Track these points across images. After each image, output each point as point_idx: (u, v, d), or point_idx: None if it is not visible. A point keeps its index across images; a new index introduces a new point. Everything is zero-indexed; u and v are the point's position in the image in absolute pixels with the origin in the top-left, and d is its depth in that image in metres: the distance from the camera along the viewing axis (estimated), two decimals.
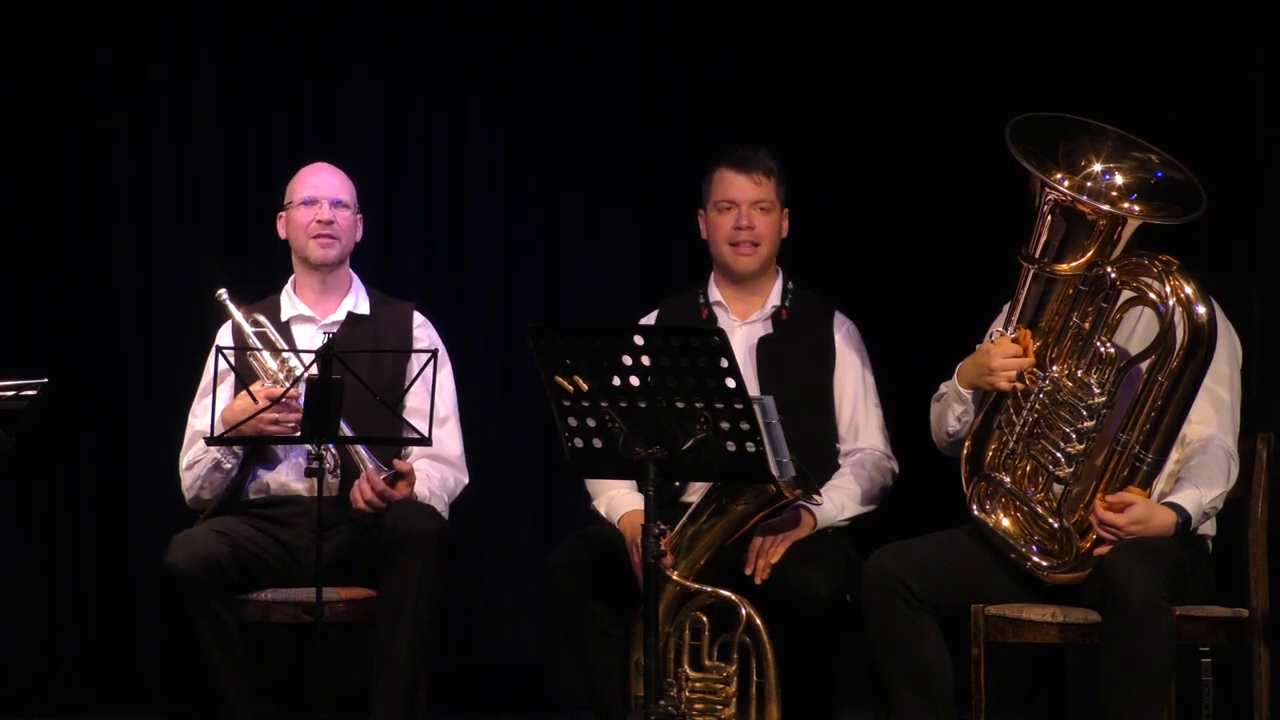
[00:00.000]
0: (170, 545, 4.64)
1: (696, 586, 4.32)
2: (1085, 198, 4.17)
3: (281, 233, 5.03)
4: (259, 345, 4.79)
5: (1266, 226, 5.33)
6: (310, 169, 5.04)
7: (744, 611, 4.28)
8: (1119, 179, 4.22)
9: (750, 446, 4.05)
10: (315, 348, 4.48)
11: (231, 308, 4.87)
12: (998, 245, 4.93)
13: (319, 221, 4.93)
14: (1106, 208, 4.16)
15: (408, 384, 4.77)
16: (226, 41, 6.09)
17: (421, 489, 4.77)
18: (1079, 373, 4.21)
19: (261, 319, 4.87)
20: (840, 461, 4.78)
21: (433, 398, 4.58)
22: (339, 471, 4.76)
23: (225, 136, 6.08)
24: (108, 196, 6.04)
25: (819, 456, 4.68)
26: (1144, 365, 4.16)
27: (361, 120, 6.12)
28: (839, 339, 4.84)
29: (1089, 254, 4.18)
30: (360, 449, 4.72)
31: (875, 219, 6.10)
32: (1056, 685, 5.41)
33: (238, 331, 4.86)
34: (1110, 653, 4.06)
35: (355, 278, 5.05)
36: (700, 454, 4.06)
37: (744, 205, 4.79)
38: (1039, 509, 4.26)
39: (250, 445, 4.79)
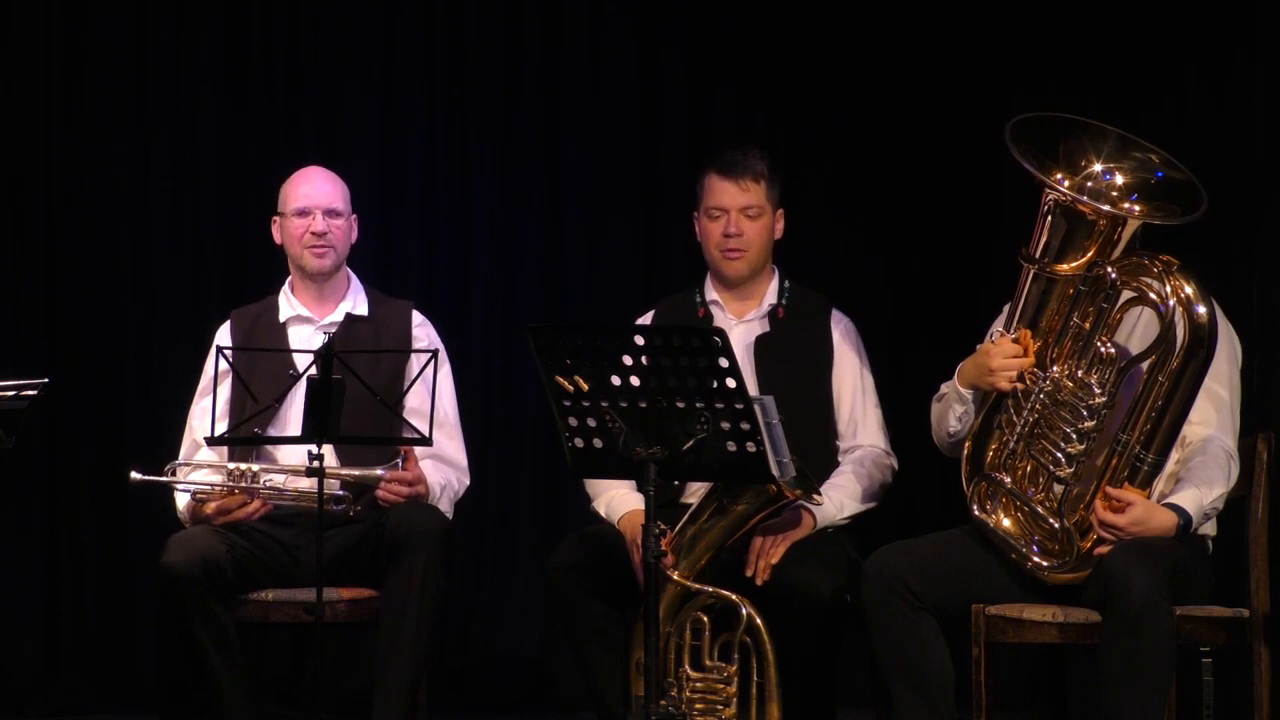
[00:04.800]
0: (168, 545, 4.64)
1: (697, 586, 4.32)
2: (1085, 198, 4.17)
3: (277, 238, 5.03)
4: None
5: (1267, 226, 5.33)
6: (302, 175, 5.02)
7: (744, 611, 4.28)
8: (1119, 179, 4.22)
9: (750, 446, 4.05)
10: (314, 348, 4.48)
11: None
12: (998, 245, 4.93)
13: (313, 233, 4.92)
14: (1107, 208, 4.16)
15: (407, 384, 4.78)
16: (227, 41, 6.09)
17: (434, 484, 4.77)
18: (1079, 373, 4.21)
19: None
20: (839, 459, 4.78)
21: (433, 399, 4.58)
22: (360, 506, 4.75)
23: (225, 137, 6.09)
24: (108, 196, 6.05)
25: (818, 454, 4.68)
26: (1144, 365, 4.16)
27: (362, 120, 6.12)
28: (836, 336, 4.84)
29: (1089, 254, 4.18)
30: (354, 469, 4.73)
31: (876, 219, 6.10)
32: (1056, 685, 5.41)
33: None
34: (1110, 653, 4.06)
35: (354, 279, 5.05)
36: (700, 454, 4.06)
37: (732, 212, 4.78)
38: (1039, 509, 4.26)
39: (249, 445, 4.79)
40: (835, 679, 4.57)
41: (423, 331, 5.01)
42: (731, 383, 4.00)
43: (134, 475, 4.73)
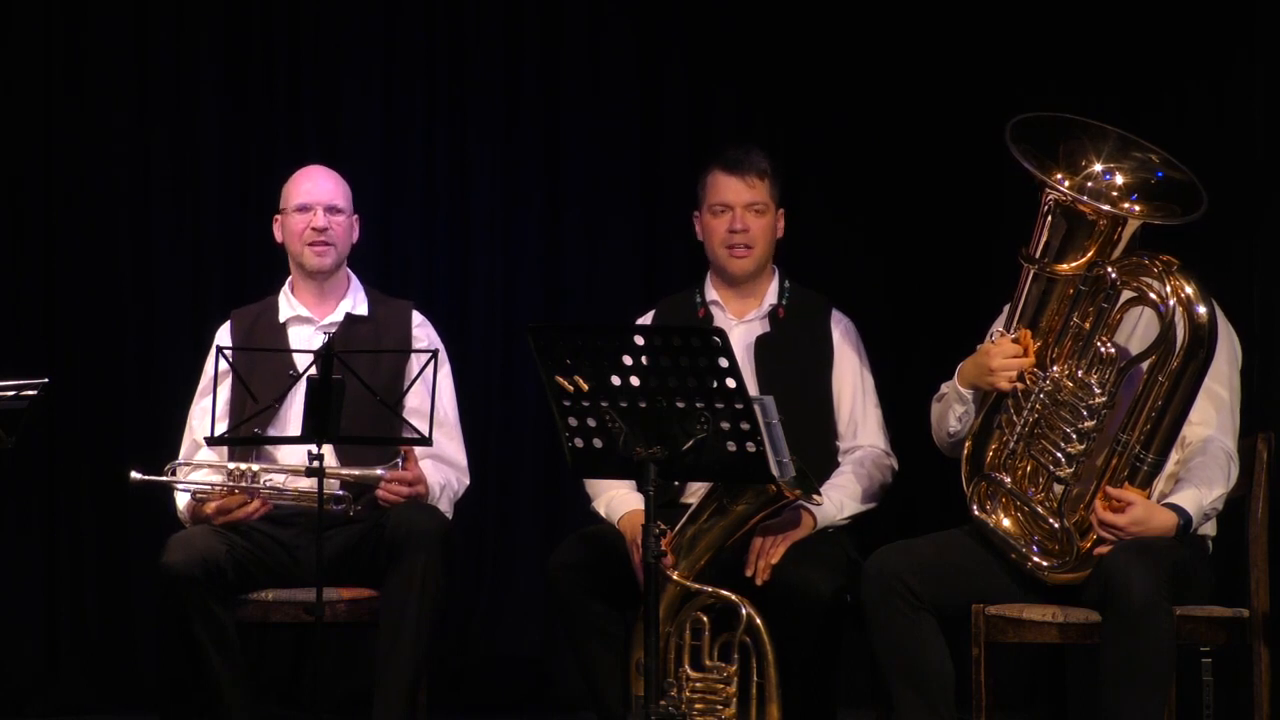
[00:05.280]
0: (168, 545, 4.64)
1: (697, 586, 4.32)
2: (1085, 198, 4.17)
3: (278, 236, 5.03)
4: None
5: (1267, 226, 5.33)
6: (304, 173, 5.03)
7: (744, 611, 4.28)
8: (1119, 179, 4.22)
9: (750, 446, 4.05)
10: (314, 348, 4.48)
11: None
12: (998, 245, 4.93)
13: (314, 229, 4.92)
14: (1107, 208, 4.16)
15: (407, 384, 4.78)
16: (227, 41, 6.09)
17: (434, 484, 4.78)
18: (1079, 373, 4.21)
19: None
20: (839, 460, 4.78)
21: (433, 399, 4.58)
22: (360, 506, 4.74)
23: (225, 137, 6.09)
24: (108, 196, 6.05)
25: (818, 455, 4.68)
26: (1144, 365, 4.16)
27: (362, 120, 6.12)
28: (836, 336, 4.84)
29: (1089, 254, 4.18)
30: (354, 469, 4.72)
31: (876, 219, 6.10)
32: (1056, 685, 5.41)
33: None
34: (1110, 653, 4.06)
35: (353, 278, 5.05)
36: (700, 454, 4.06)
37: (738, 208, 4.79)
38: (1039, 509, 4.26)
39: (249, 445, 4.79)
40: (835, 679, 4.57)
41: (422, 332, 5.02)
42: (731, 383, 4.00)
43: (134, 475, 4.73)
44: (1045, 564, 4.25)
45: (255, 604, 4.72)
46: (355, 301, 5.01)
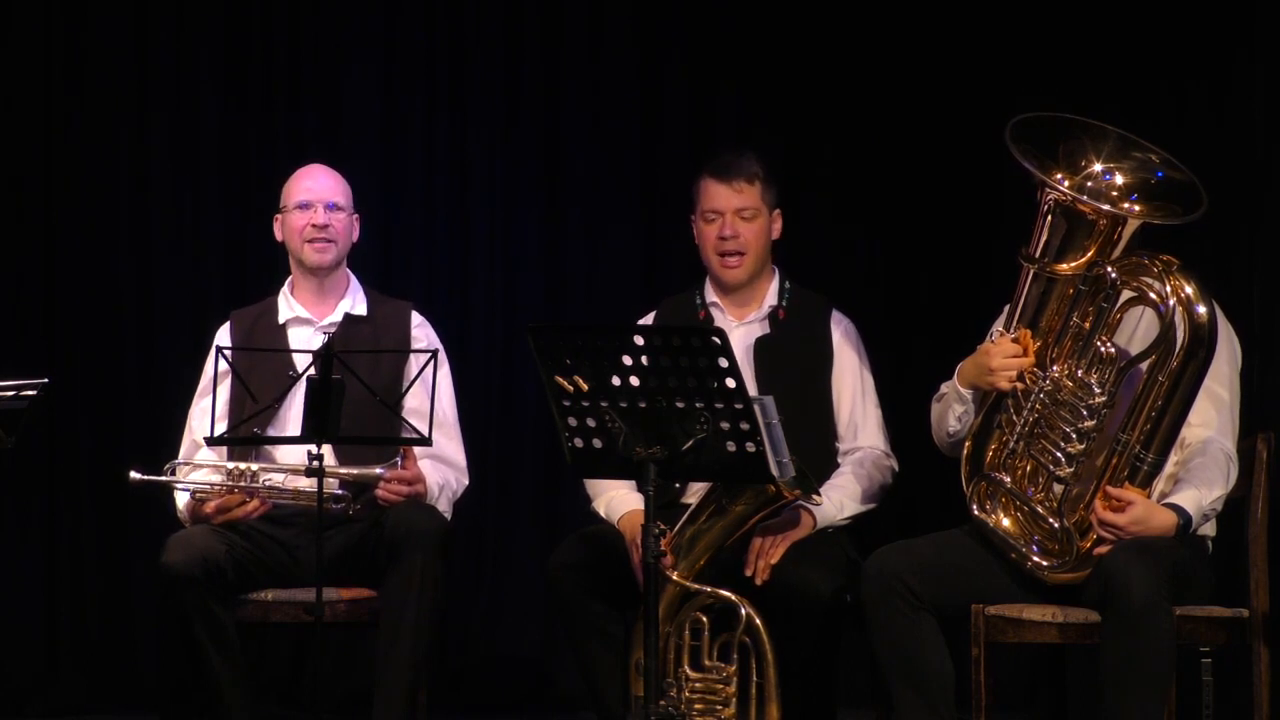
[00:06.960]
0: (167, 545, 4.64)
1: (696, 586, 4.32)
2: (1085, 197, 4.17)
3: (278, 235, 5.03)
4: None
5: (1267, 226, 5.33)
6: (305, 171, 5.03)
7: (744, 611, 4.28)
8: (1119, 179, 4.22)
9: (750, 447, 4.05)
10: (314, 349, 4.48)
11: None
12: (998, 245, 4.93)
13: (313, 225, 4.93)
14: (1107, 207, 4.16)
15: (407, 385, 4.78)
16: (227, 41, 6.09)
17: (433, 484, 4.78)
18: (1079, 373, 4.21)
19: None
20: (839, 460, 4.78)
21: (432, 399, 4.58)
22: (359, 505, 4.74)
23: (225, 137, 6.09)
24: (108, 197, 6.05)
25: (818, 456, 4.68)
26: (1144, 365, 4.16)
27: (362, 120, 6.12)
28: (836, 337, 4.84)
29: (1089, 254, 4.18)
30: (354, 469, 4.72)
31: (876, 219, 6.10)
32: (1056, 685, 5.41)
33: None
34: (1110, 653, 4.06)
35: (353, 279, 5.05)
36: (700, 454, 4.06)
37: (727, 214, 4.78)
38: (1039, 509, 4.26)
39: (249, 445, 4.79)
40: (835, 679, 4.58)
41: (421, 332, 5.02)
42: (731, 383, 4.00)
43: (134, 475, 4.73)
44: (1045, 564, 4.25)
45: (255, 604, 4.72)
46: (354, 302, 5.01)
